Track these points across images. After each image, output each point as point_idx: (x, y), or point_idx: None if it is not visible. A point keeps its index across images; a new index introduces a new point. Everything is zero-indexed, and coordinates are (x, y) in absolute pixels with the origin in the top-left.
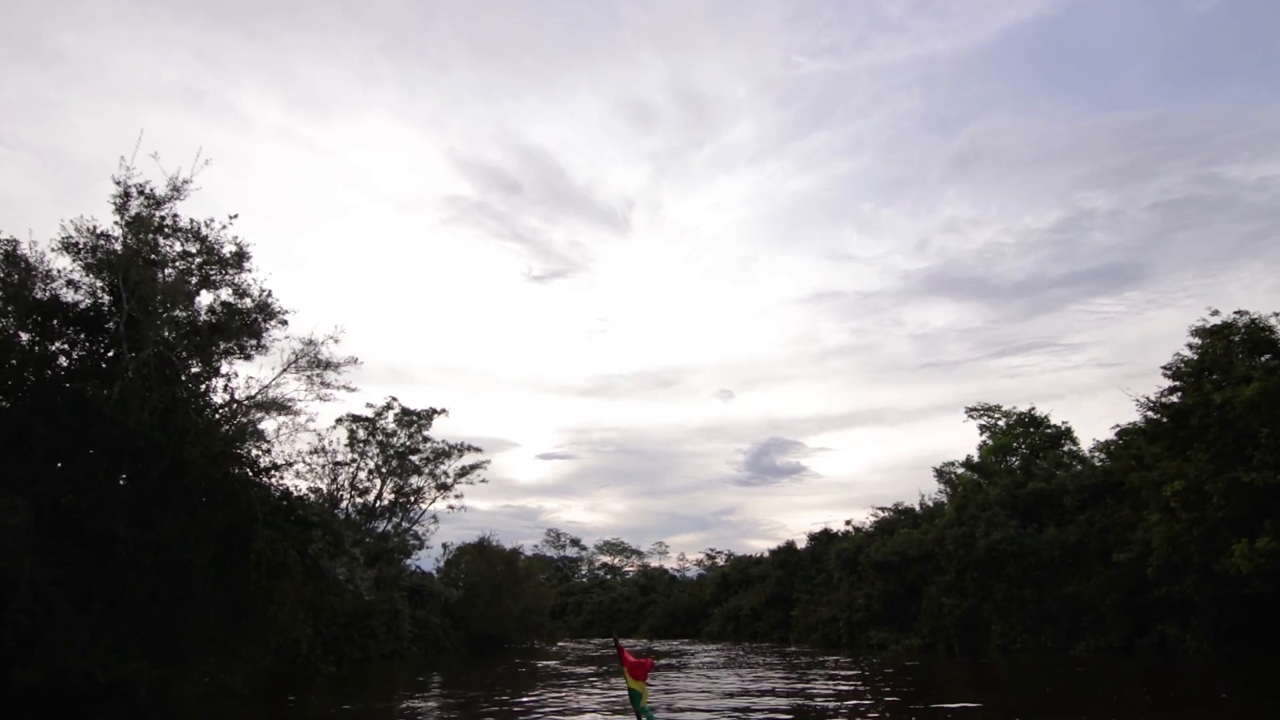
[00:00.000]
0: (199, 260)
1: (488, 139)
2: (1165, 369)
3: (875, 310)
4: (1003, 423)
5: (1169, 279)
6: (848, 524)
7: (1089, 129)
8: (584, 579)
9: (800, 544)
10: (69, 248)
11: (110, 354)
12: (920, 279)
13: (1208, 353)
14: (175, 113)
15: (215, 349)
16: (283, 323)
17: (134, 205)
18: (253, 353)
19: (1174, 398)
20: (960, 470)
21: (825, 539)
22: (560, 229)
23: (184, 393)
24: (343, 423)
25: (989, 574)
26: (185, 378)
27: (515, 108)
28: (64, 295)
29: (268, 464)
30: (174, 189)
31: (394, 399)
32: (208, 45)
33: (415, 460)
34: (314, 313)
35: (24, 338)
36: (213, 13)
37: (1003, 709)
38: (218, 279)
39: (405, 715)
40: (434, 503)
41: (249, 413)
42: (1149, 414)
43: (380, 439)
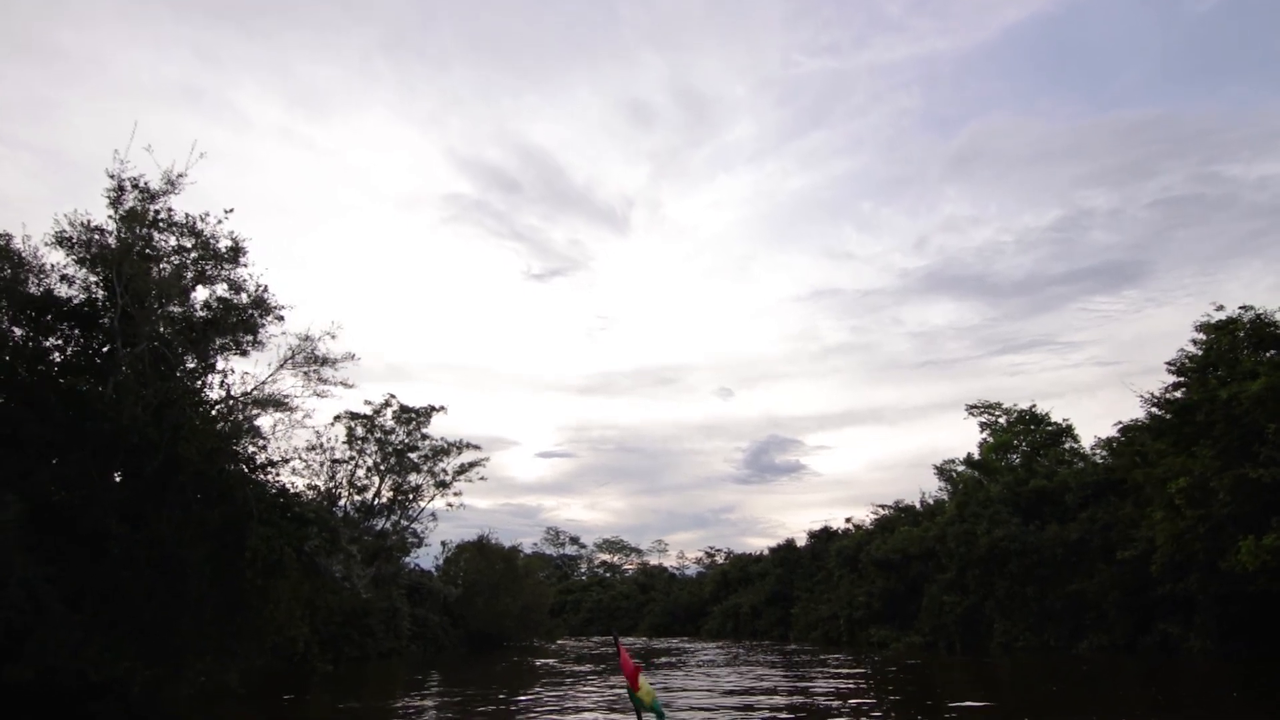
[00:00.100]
0: (194, 255)
1: (487, 138)
2: (1170, 364)
3: (874, 308)
4: (1003, 420)
5: (1168, 277)
6: (848, 522)
7: (1089, 128)
8: (583, 577)
9: (800, 542)
10: (62, 242)
11: (104, 349)
12: (919, 277)
13: (1213, 348)
14: (174, 111)
15: (211, 344)
16: (279, 318)
17: (128, 199)
18: (249, 348)
19: (1179, 393)
20: (961, 468)
21: (825, 537)
22: (560, 228)
23: (179, 389)
24: (341, 420)
25: (991, 571)
26: (180, 373)
27: (515, 107)
28: (58, 290)
29: (264, 460)
30: (169, 183)
31: (392, 396)
32: (207, 43)
33: (414, 458)
34: (314, 311)
35: (17, 333)
36: (212, 11)
37: (1011, 708)
38: (213, 274)
39: (403, 714)
40: (433, 500)
41: (245, 409)
42: (1153, 410)
43: (379, 436)
